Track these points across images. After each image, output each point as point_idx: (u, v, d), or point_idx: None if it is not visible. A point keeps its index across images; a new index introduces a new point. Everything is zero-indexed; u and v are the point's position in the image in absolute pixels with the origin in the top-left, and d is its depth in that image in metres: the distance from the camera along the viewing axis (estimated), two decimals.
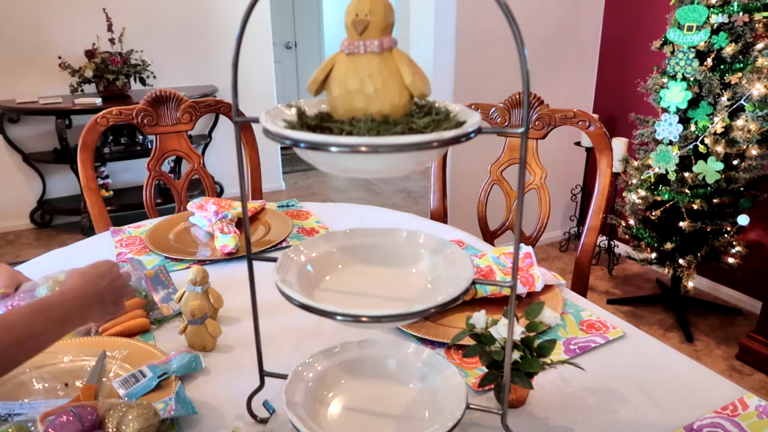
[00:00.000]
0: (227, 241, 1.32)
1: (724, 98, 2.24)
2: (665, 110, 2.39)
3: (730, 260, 2.48)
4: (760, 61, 2.16)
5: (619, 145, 2.84)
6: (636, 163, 2.57)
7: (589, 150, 3.26)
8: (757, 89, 2.15)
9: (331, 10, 6.11)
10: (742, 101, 2.21)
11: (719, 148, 2.25)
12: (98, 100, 3.46)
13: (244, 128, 1.79)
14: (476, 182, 1.80)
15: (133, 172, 4.17)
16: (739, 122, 2.22)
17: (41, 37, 3.63)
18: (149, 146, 3.85)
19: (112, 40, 3.62)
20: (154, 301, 1.08)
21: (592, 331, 1.02)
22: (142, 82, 3.78)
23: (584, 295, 1.46)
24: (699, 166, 2.31)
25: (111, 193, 3.92)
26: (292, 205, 1.69)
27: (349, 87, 0.63)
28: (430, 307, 0.64)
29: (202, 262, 1.29)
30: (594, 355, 0.96)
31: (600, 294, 2.99)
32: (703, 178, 2.32)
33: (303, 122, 0.64)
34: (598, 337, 1.00)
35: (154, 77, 3.83)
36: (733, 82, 2.23)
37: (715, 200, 2.38)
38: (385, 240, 0.83)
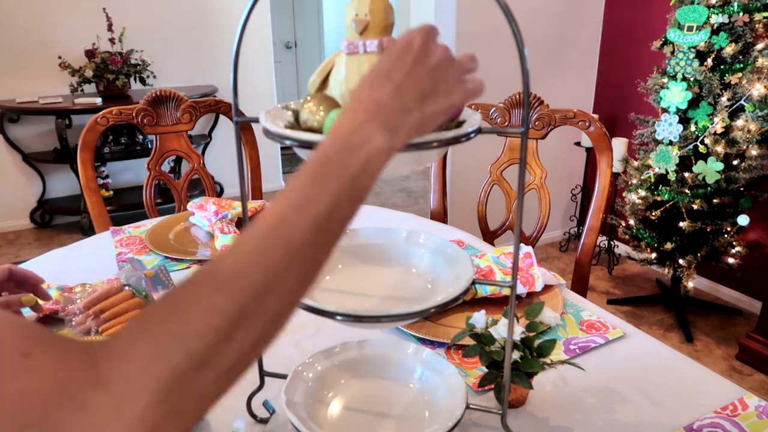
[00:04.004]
0: (227, 241, 1.32)
1: (724, 98, 2.24)
2: (665, 110, 2.39)
3: (730, 260, 2.48)
4: (760, 61, 2.16)
5: (619, 145, 2.84)
6: (636, 163, 2.57)
7: (589, 150, 3.26)
8: (757, 89, 2.15)
9: (331, 10, 6.11)
10: (742, 101, 2.21)
11: (719, 148, 2.25)
12: (98, 100, 3.46)
13: (244, 128, 1.79)
14: (476, 182, 1.80)
15: (133, 172, 4.17)
16: (739, 122, 2.22)
17: (41, 37, 3.63)
18: (149, 146, 3.85)
19: (112, 40, 3.62)
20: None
21: (592, 331, 1.02)
22: (142, 82, 3.78)
23: (584, 295, 1.46)
24: (699, 166, 2.31)
25: (111, 193, 3.91)
26: None
27: (349, 87, 0.63)
28: (430, 307, 0.64)
29: (202, 262, 1.29)
30: (594, 355, 0.96)
31: (600, 294, 2.99)
32: (703, 178, 2.32)
33: None
34: (598, 337, 1.00)
35: (154, 77, 3.83)
36: (733, 83, 2.23)
37: (715, 200, 2.38)
38: (385, 240, 0.83)
